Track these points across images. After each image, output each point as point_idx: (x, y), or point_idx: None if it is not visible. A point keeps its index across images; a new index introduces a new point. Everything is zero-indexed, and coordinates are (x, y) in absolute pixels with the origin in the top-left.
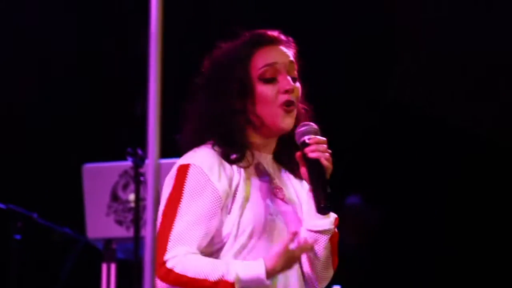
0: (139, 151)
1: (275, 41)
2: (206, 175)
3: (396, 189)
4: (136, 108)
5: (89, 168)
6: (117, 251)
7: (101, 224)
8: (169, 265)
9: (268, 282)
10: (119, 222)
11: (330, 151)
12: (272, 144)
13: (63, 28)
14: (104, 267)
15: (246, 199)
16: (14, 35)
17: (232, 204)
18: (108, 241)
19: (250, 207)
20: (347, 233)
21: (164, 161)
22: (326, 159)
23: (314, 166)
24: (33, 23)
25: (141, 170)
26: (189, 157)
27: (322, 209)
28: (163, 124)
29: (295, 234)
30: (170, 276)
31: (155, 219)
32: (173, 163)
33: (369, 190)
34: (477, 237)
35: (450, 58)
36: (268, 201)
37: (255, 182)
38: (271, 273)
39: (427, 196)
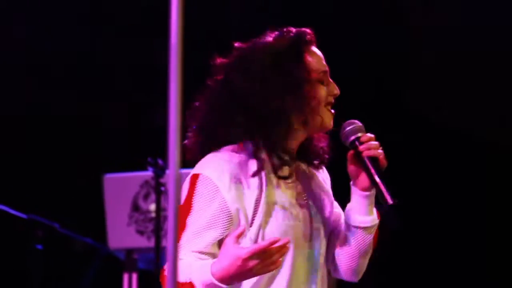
0: (160, 161)
1: (315, 41)
2: (216, 185)
3: (406, 195)
4: (156, 118)
5: (110, 178)
6: (138, 261)
7: (122, 234)
8: (164, 272)
9: (223, 286)
10: (140, 232)
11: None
12: (298, 144)
13: (83, 36)
14: (125, 277)
15: (271, 205)
16: (35, 45)
17: (255, 213)
18: (130, 251)
19: (275, 214)
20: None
21: (185, 171)
22: (382, 155)
23: (371, 164)
24: (50, 33)
25: (162, 180)
26: (201, 166)
27: (388, 205)
28: (184, 134)
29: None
30: (163, 281)
31: (176, 229)
32: None
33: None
34: (486, 243)
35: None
36: (293, 206)
37: (280, 186)
38: (225, 280)
39: (438, 203)
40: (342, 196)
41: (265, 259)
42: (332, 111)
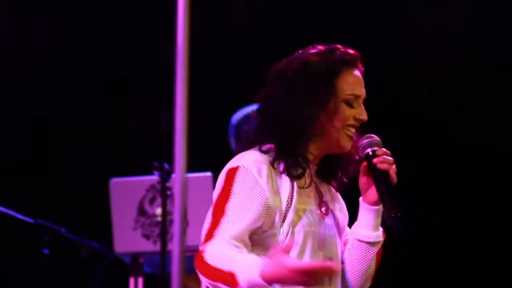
0: (166, 165)
1: (357, 63)
2: (255, 177)
3: (413, 200)
4: (162, 122)
5: (116, 182)
6: (144, 265)
7: (128, 238)
8: (203, 254)
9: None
10: (146, 236)
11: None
12: (318, 159)
13: (88, 37)
14: (131, 281)
15: (300, 207)
16: (39, 48)
17: (287, 211)
18: (135, 255)
19: (302, 216)
20: None
21: (191, 175)
22: (394, 172)
23: (382, 177)
24: (55, 36)
25: (168, 184)
26: (238, 160)
27: (394, 219)
28: (190, 138)
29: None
30: (200, 264)
31: (182, 233)
32: (200, 177)
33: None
34: (492, 249)
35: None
36: (316, 215)
37: (306, 194)
38: (271, 282)
39: (446, 207)
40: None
41: (311, 276)
42: (352, 134)
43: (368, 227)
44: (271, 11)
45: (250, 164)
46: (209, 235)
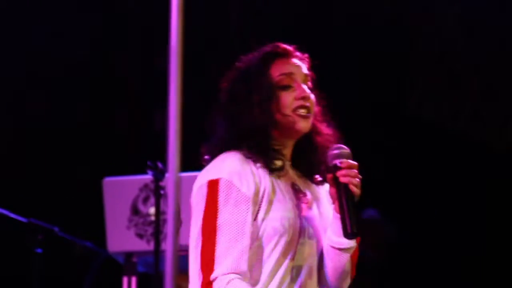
0: (160, 165)
1: (290, 54)
2: (237, 187)
3: (414, 203)
4: (156, 121)
5: (109, 181)
6: (137, 265)
7: (121, 238)
8: (215, 286)
9: None
10: (140, 236)
11: (360, 176)
12: (289, 150)
13: (84, 41)
14: (124, 280)
15: (271, 204)
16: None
17: (259, 210)
18: (129, 255)
19: (276, 212)
20: (365, 247)
21: (184, 174)
22: (355, 185)
23: (343, 190)
24: (50, 37)
25: (162, 184)
26: (217, 171)
27: (348, 235)
28: (183, 138)
29: None
30: None
31: (175, 233)
32: (193, 176)
33: (387, 204)
34: (497, 251)
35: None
36: (294, 206)
37: (281, 186)
38: None
39: (445, 209)
40: None
41: None
42: (306, 114)
43: (338, 234)
44: (267, 11)
45: (230, 173)
46: (209, 257)
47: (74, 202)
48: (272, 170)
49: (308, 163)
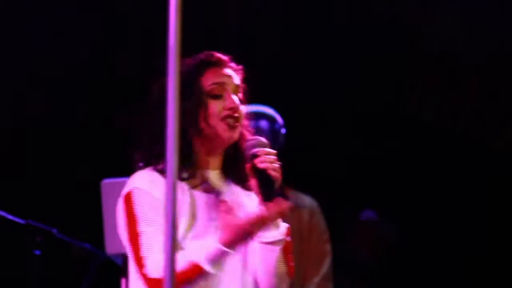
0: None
1: (224, 64)
2: (149, 192)
3: (414, 203)
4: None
5: (107, 183)
6: None
7: (120, 240)
8: (149, 276)
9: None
10: None
11: (279, 162)
12: (218, 160)
13: (84, 41)
14: (123, 282)
15: (192, 217)
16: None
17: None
18: (127, 257)
19: (195, 229)
20: (363, 247)
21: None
22: (274, 170)
23: (262, 176)
24: (50, 37)
25: None
26: (128, 185)
27: (267, 197)
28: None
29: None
30: (152, 283)
31: (173, 235)
32: None
33: (385, 205)
34: (496, 252)
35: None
36: (213, 216)
37: (201, 198)
38: (229, 244)
39: (443, 210)
40: None
41: (265, 221)
42: (234, 124)
43: (266, 229)
44: (265, 11)
45: (140, 182)
46: (140, 260)
47: (72, 203)
48: (181, 179)
49: (237, 171)
